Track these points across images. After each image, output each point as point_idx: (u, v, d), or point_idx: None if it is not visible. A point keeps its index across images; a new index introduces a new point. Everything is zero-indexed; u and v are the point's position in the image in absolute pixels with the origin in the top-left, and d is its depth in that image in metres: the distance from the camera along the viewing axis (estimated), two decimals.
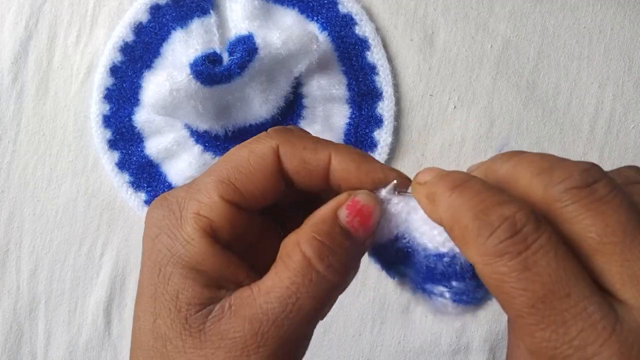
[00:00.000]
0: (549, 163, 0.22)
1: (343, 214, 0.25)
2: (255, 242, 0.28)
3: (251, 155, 0.26)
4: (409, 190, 0.25)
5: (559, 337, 0.19)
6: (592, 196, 0.20)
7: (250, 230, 0.27)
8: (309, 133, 0.28)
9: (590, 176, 0.21)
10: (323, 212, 0.25)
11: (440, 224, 0.23)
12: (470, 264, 0.23)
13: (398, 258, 0.26)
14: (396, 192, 0.25)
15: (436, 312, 0.25)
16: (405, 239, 0.25)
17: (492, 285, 0.21)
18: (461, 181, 0.22)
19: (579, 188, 0.21)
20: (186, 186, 0.26)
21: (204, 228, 0.25)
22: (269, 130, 0.27)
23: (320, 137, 0.28)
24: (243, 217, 0.26)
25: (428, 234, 0.24)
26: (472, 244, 0.21)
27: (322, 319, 0.25)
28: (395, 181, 0.25)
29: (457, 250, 0.23)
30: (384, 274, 0.27)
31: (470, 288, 0.23)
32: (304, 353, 0.26)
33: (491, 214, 0.21)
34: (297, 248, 0.24)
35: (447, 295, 0.24)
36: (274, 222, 0.30)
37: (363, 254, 0.26)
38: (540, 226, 0.20)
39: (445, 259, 0.24)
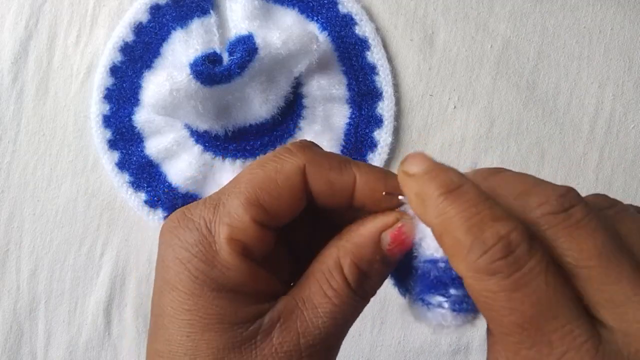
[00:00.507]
0: (526, 186, 0.22)
1: (386, 240, 0.25)
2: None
3: (278, 175, 0.26)
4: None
5: (543, 357, 0.20)
6: (567, 221, 0.21)
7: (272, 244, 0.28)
8: (330, 153, 0.28)
9: (566, 201, 0.21)
10: (367, 233, 0.25)
11: (430, 227, 0.23)
12: None
13: (407, 270, 0.26)
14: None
15: (436, 326, 0.24)
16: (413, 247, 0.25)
17: (479, 301, 0.21)
18: (454, 185, 0.22)
19: (555, 213, 0.21)
20: (211, 206, 0.26)
21: (239, 251, 0.25)
22: (291, 146, 0.27)
23: (320, 137, 0.28)
24: (270, 235, 0.26)
25: (425, 240, 0.24)
26: (462, 259, 0.21)
27: None
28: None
29: None
30: None
31: (468, 294, 0.23)
32: None
33: (485, 230, 0.20)
34: (339, 269, 0.25)
35: (446, 305, 0.24)
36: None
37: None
38: (533, 247, 0.20)
39: (440, 264, 0.23)
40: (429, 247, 0.24)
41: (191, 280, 0.25)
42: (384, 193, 0.26)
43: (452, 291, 0.23)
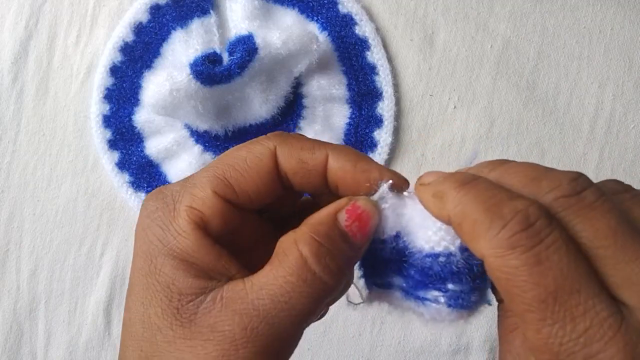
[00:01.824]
0: (537, 173, 0.22)
1: (342, 218, 0.25)
2: (252, 245, 0.28)
3: (248, 155, 0.26)
4: (406, 191, 0.25)
5: (566, 334, 0.20)
6: (581, 203, 0.21)
7: (245, 230, 0.27)
8: (306, 137, 0.28)
9: (578, 185, 0.21)
10: (322, 214, 0.25)
11: (448, 221, 0.23)
12: (467, 264, 0.23)
13: (389, 265, 0.25)
14: (392, 192, 0.25)
15: (429, 320, 0.24)
16: (401, 239, 0.25)
17: (501, 279, 0.21)
18: (469, 179, 0.22)
19: (568, 196, 0.21)
20: (182, 181, 0.27)
21: (196, 221, 0.25)
22: (268, 134, 0.27)
23: (320, 137, 0.28)
24: (235, 214, 0.26)
25: (422, 235, 0.24)
26: (482, 237, 0.21)
27: (312, 321, 0.25)
28: (390, 181, 0.26)
29: (452, 249, 0.23)
30: None
31: (465, 290, 0.23)
32: (291, 352, 0.26)
33: (503, 207, 0.21)
34: (295, 247, 0.24)
35: (442, 299, 0.24)
36: (272, 228, 0.30)
37: (357, 261, 0.26)
38: (552, 221, 0.20)
39: (441, 259, 0.23)
40: (429, 241, 0.24)
41: (147, 245, 0.25)
42: (367, 184, 0.26)
43: (450, 286, 0.23)
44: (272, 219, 0.30)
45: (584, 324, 0.19)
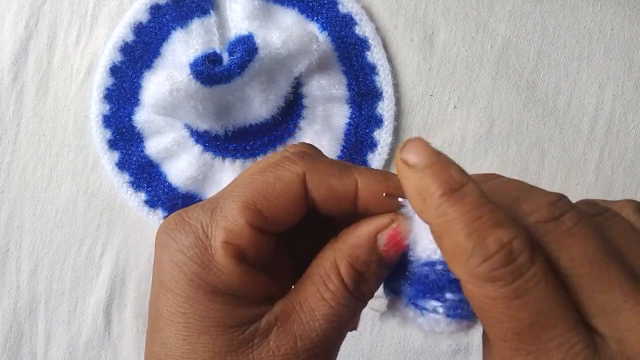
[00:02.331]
0: (520, 193, 0.22)
1: (382, 241, 0.25)
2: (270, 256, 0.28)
3: (277, 182, 0.26)
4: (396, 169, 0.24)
5: None
6: (558, 229, 0.21)
7: (270, 250, 0.27)
8: (330, 159, 0.28)
9: (557, 209, 0.21)
10: (363, 234, 0.25)
11: (429, 225, 0.22)
12: None
13: (397, 270, 0.25)
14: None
15: (428, 332, 0.24)
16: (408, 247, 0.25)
17: (477, 306, 0.21)
18: (456, 185, 0.21)
19: (546, 222, 0.21)
20: (208, 209, 0.26)
21: (234, 255, 0.25)
22: (290, 151, 0.27)
23: (320, 137, 0.28)
24: (267, 241, 0.26)
25: (421, 242, 0.24)
26: (462, 264, 0.20)
27: None
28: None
29: None
30: None
31: (464, 299, 0.23)
32: None
33: (487, 236, 0.20)
34: (336, 271, 0.25)
35: (441, 310, 0.23)
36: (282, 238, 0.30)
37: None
38: (535, 255, 0.20)
39: (438, 267, 0.23)
40: (426, 249, 0.23)
41: (186, 283, 0.25)
42: (384, 194, 0.26)
43: (448, 295, 0.23)
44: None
45: (557, 357, 0.20)
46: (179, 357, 0.25)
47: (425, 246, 0.24)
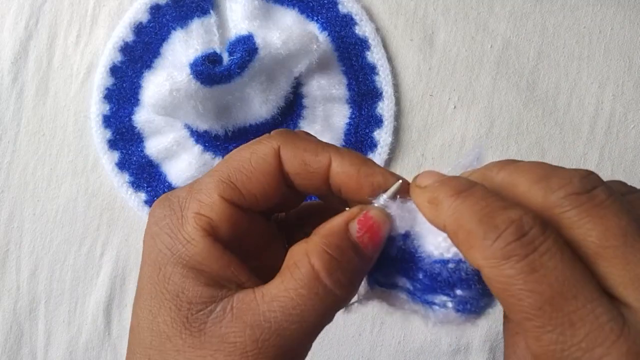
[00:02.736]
0: (547, 171, 0.22)
1: (354, 228, 0.25)
2: (258, 246, 0.28)
3: (252, 155, 0.26)
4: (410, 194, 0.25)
5: (567, 339, 0.19)
6: (591, 201, 0.21)
7: (253, 234, 0.27)
8: (312, 136, 0.28)
9: (589, 183, 0.21)
10: (334, 224, 0.25)
11: (443, 229, 0.23)
12: (475, 271, 0.23)
13: (396, 265, 0.25)
14: (397, 197, 0.25)
15: (436, 323, 0.24)
16: (410, 240, 0.25)
17: (498, 288, 0.21)
18: (465, 187, 0.22)
19: (579, 194, 0.21)
20: (188, 186, 0.26)
21: (205, 227, 0.25)
22: (272, 132, 0.27)
23: (320, 137, 0.28)
24: (243, 218, 0.26)
25: (432, 241, 0.24)
26: (477, 248, 0.21)
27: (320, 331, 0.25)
28: (400, 182, 0.25)
29: (461, 256, 0.23)
30: None
31: (474, 295, 0.23)
32: None
33: (497, 217, 0.21)
34: (306, 259, 0.24)
35: (450, 305, 0.24)
36: (279, 232, 0.30)
37: (368, 270, 0.26)
38: (547, 229, 0.20)
39: (450, 265, 0.23)
40: (439, 247, 0.24)
41: (157, 254, 0.25)
42: (369, 198, 0.25)
43: (459, 292, 0.23)
44: (282, 228, 0.30)
45: (584, 329, 0.19)
46: (146, 328, 0.25)
47: (437, 244, 0.24)
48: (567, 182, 0.21)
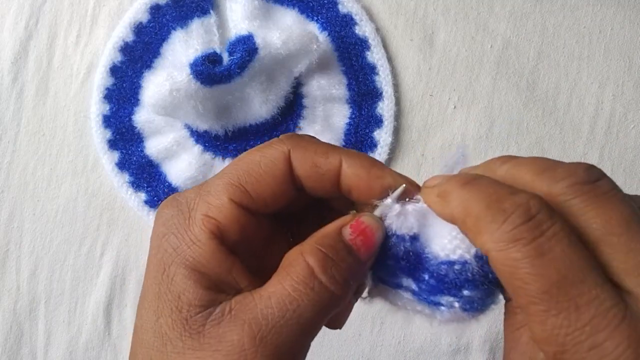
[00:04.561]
0: (550, 164, 0.23)
1: (347, 232, 0.25)
2: (265, 248, 0.28)
3: (262, 159, 0.26)
4: (418, 196, 0.25)
5: (571, 323, 0.20)
6: (595, 191, 0.21)
7: (259, 235, 0.27)
8: (319, 140, 0.28)
9: (593, 174, 0.22)
10: (328, 228, 0.25)
11: (452, 220, 0.23)
12: (482, 272, 0.23)
13: (402, 265, 0.25)
14: (406, 199, 0.26)
15: (441, 322, 0.25)
16: (417, 241, 0.25)
17: (504, 272, 0.21)
18: (472, 178, 0.23)
19: (583, 184, 0.21)
20: (197, 188, 0.26)
21: (212, 230, 0.25)
22: (281, 136, 0.27)
23: (320, 137, 0.28)
24: (252, 221, 0.26)
25: (438, 242, 0.24)
26: (485, 232, 0.21)
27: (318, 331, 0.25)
28: (404, 185, 0.26)
29: (467, 257, 0.23)
30: None
31: (481, 295, 0.24)
32: None
33: (504, 201, 0.21)
34: (301, 258, 0.24)
35: (457, 305, 0.24)
36: (284, 231, 0.30)
37: (363, 276, 0.26)
38: (554, 214, 0.21)
39: (456, 267, 0.24)
40: (445, 248, 0.24)
41: (161, 254, 0.25)
42: (373, 201, 0.26)
43: (465, 292, 0.24)
44: (288, 227, 0.30)
45: (588, 313, 0.20)
46: (150, 329, 0.25)
47: (443, 245, 0.24)
48: (572, 173, 0.22)
